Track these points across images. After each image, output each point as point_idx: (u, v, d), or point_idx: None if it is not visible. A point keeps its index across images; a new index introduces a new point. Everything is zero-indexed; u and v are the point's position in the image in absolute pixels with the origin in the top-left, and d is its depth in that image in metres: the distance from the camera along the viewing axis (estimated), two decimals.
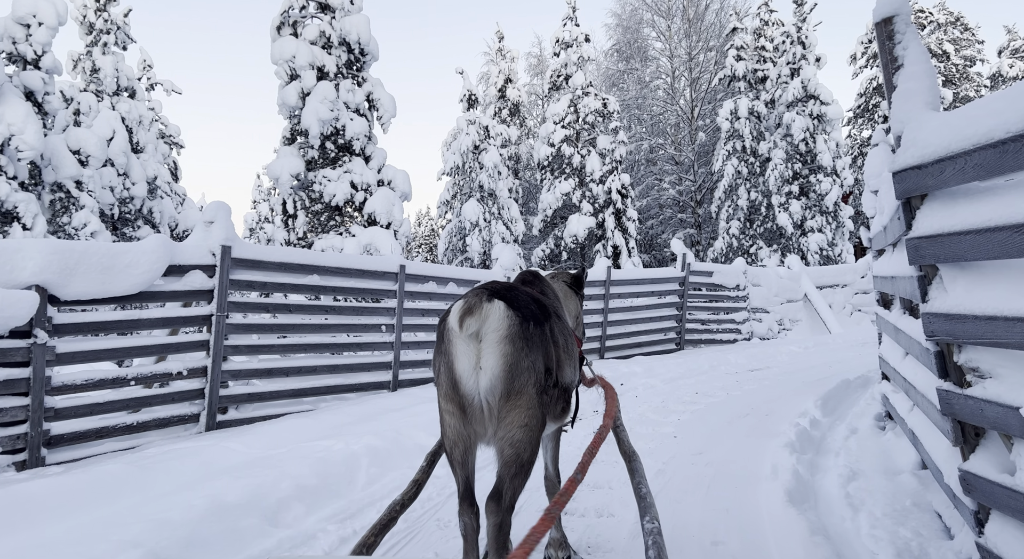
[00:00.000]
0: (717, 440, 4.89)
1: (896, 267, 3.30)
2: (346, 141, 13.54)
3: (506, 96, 26.79)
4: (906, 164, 2.37)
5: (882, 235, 3.84)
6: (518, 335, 1.98)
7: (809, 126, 20.16)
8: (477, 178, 20.95)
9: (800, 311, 15.27)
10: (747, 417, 5.75)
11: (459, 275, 9.47)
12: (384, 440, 4.34)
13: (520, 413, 1.97)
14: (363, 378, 8.04)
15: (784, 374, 8.68)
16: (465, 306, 1.96)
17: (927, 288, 2.40)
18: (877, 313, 4.70)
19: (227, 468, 3.80)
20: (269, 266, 7.10)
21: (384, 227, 13.38)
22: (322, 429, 4.90)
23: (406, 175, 13.99)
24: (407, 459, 4.23)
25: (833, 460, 4.07)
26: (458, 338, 1.98)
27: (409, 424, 4.88)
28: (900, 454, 3.75)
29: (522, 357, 1.97)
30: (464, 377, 1.98)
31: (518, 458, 1.98)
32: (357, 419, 5.31)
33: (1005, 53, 37.90)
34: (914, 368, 3.18)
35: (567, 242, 22.41)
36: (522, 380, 1.97)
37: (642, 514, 1.88)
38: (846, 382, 6.80)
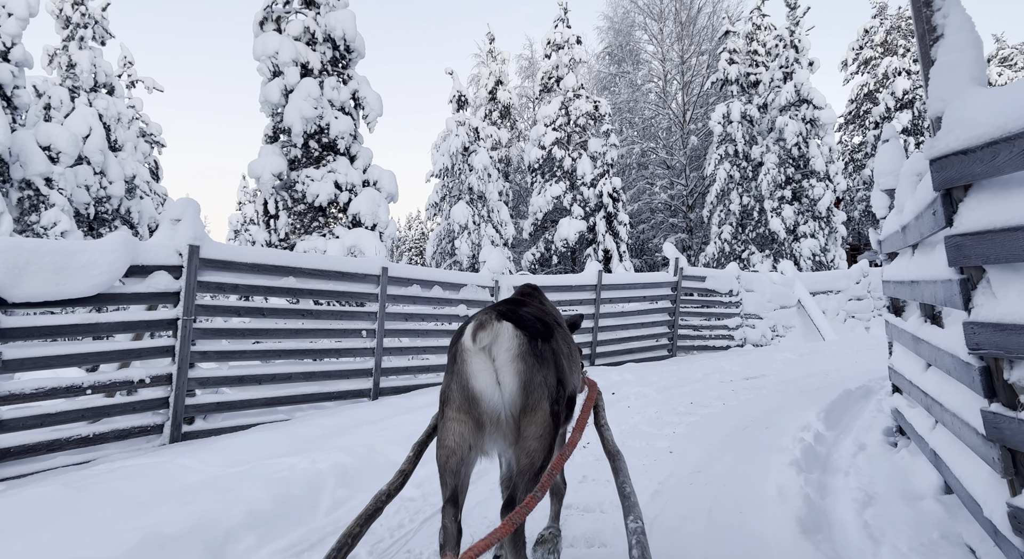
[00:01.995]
0: (716, 456, 4.55)
1: (919, 270, 2.97)
2: (330, 140, 13.15)
3: (496, 98, 26.50)
4: (948, 149, 2.04)
5: (899, 236, 3.52)
6: (528, 353, 2.09)
7: (802, 131, 19.97)
8: (467, 180, 20.60)
9: (794, 317, 15.02)
10: (746, 430, 5.41)
11: (444, 278, 9.11)
12: (355, 457, 3.96)
13: (537, 427, 2.08)
14: (342, 386, 7.65)
15: (781, 383, 8.36)
16: (477, 323, 2.06)
17: (971, 294, 2.07)
18: (888, 321, 4.38)
19: (177, 490, 3.41)
20: (241, 267, 6.70)
21: (369, 229, 13.00)
22: (290, 444, 4.51)
23: (392, 175, 13.62)
24: (378, 479, 3.85)
25: (843, 481, 3.74)
26: (472, 356, 2.08)
27: (384, 439, 4.51)
28: (918, 476, 3.42)
29: (534, 373, 2.08)
30: (485, 393, 2.07)
31: (532, 466, 2.09)
32: (330, 432, 4.92)
33: (994, 61, 38.09)
34: (940, 383, 2.85)
35: (558, 246, 22.11)
36: (536, 395, 2.08)
37: (626, 513, 1.88)
38: (848, 392, 6.49)
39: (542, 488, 1.97)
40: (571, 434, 2.30)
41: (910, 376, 3.57)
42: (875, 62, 32.01)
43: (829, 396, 6.52)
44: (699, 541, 2.97)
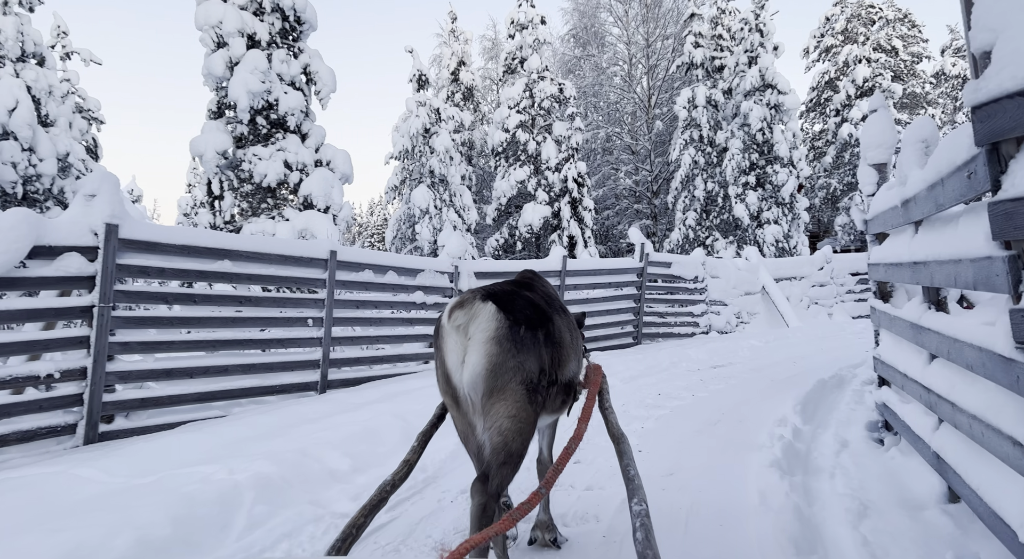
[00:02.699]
0: (689, 455, 4.17)
1: (927, 249, 2.58)
2: (279, 116, 12.37)
3: (459, 79, 25.77)
4: (1000, 91, 1.61)
5: (895, 213, 3.13)
6: (505, 337, 2.02)
7: (767, 116, 19.86)
8: (428, 163, 19.92)
9: (758, 304, 14.90)
10: (718, 424, 5.06)
11: (399, 263, 8.55)
12: (281, 465, 3.44)
13: (505, 405, 2.01)
14: (285, 379, 7.06)
15: (749, 371, 8.09)
16: (458, 301, 2.03)
17: (1021, 274, 1.66)
18: (875, 308, 4.03)
19: (60, 510, 2.85)
20: (169, 249, 6.05)
21: (322, 211, 12.30)
22: (212, 448, 3.95)
23: (347, 155, 12.91)
24: (309, 491, 3.34)
25: (829, 484, 3.38)
26: (448, 333, 2.05)
27: (321, 441, 3.99)
28: (915, 480, 3.08)
29: (507, 358, 2.01)
30: (453, 370, 2.06)
31: (506, 446, 2.01)
32: (262, 433, 4.37)
33: (948, 52, 38.85)
34: (952, 379, 2.47)
35: (522, 232, 21.65)
36: (505, 379, 2.01)
37: (630, 496, 1.85)
38: (821, 382, 6.21)
39: (547, 484, 1.89)
40: (577, 426, 2.19)
41: (905, 369, 3.21)
42: (836, 50, 32.26)
43: (802, 386, 6.23)
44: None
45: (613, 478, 3.76)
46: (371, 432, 4.22)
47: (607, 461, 4.15)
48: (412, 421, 4.55)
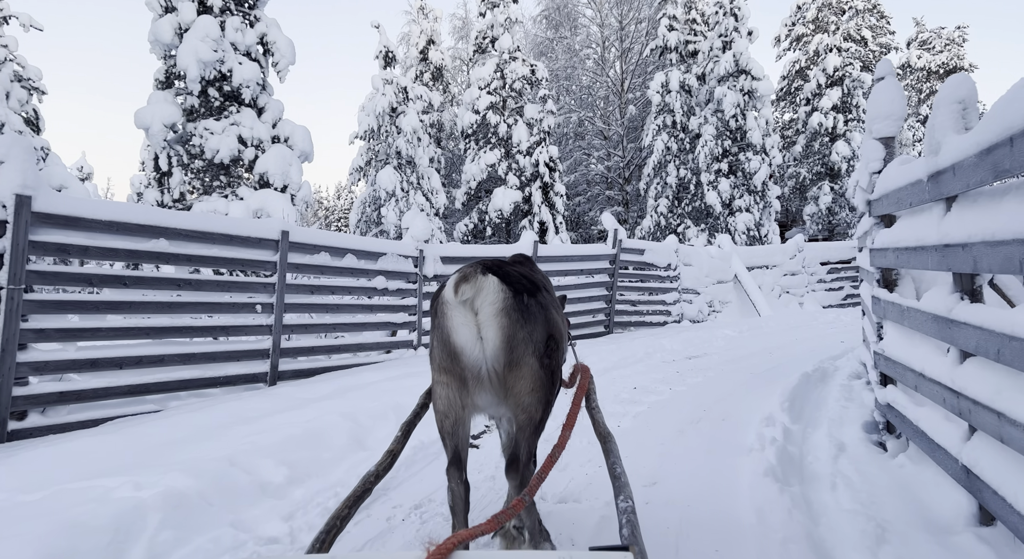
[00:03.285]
0: (673, 460, 3.75)
1: (965, 229, 2.17)
2: (233, 88, 11.58)
3: (428, 58, 24.98)
4: None
5: (917, 189, 2.72)
6: (512, 307, 2.04)
7: (740, 102, 19.61)
8: (394, 143, 19.20)
9: (730, 292, 14.69)
10: (701, 423, 4.67)
11: (359, 245, 7.97)
12: (200, 478, 2.90)
13: (527, 382, 2.06)
14: (230, 369, 6.47)
15: (726, 363, 7.77)
16: (460, 276, 2.02)
17: None
18: (877, 298, 3.64)
19: None
20: (94, 225, 5.39)
21: (279, 190, 11.60)
22: (124, 454, 3.39)
23: (306, 132, 12.20)
24: (232, 510, 2.82)
25: (832, 496, 2.99)
26: (454, 309, 2.03)
27: (253, 447, 3.46)
28: (935, 496, 2.70)
29: (518, 329, 2.04)
30: (467, 348, 2.03)
31: (531, 420, 2.11)
32: (189, 434, 3.82)
33: (914, 45, 39.35)
34: (998, 383, 2.07)
35: (492, 217, 21.12)
36: (520, 350, 2.04)
37: (616, 493, 1.81)
38: (805, 376, 5.88)
39: (531, 492, 1.81)
40: (561, 432, 2.15)
41: (921, 368, 2.82)
42: (807, 39, 32.26)
43: (785, 380, 5.90)
44: None
45: (590, 487, 3.33)
46: (314, 435, 3.70)
47: (581, 467, 3.71)
48: (363, 422, 4.04)
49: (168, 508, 2.62)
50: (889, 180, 3.29)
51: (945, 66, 38.33)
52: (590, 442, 3.91)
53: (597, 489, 3.37)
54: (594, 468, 3.69)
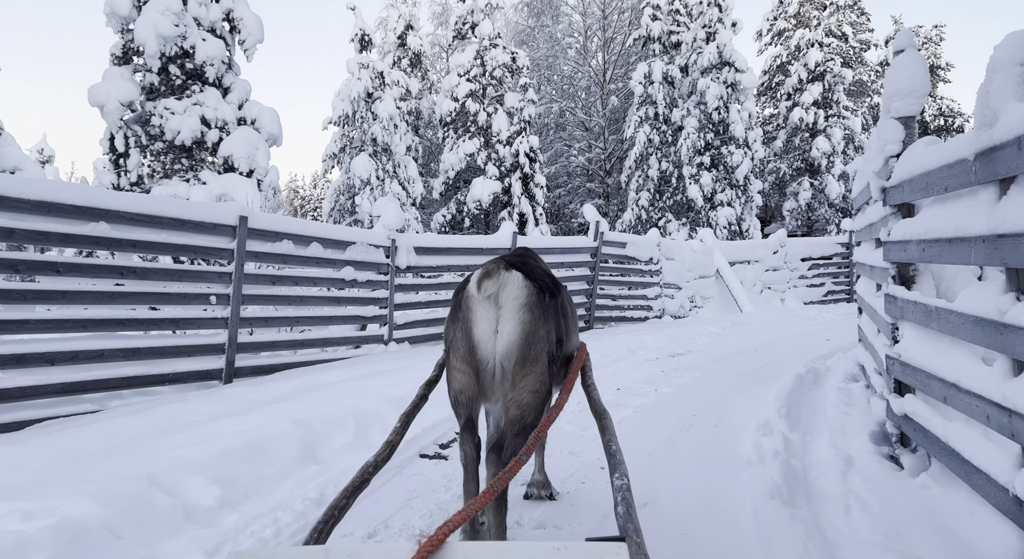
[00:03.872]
0: (664, 475, 3.37)
1: None
2: (196, 66, 10.92)
3: (407, 44, 24.31)
4: None
5: (958, 171, 2.34)
6: (536, 304, 2.09)
7: (723, 94, 19.33)
8: (370, 130, 18.57)
9: (712, 287, 14.41)
10: (692, 430, 4.29)
11: (326, 233, 7.47)
12: (111, 501, 2.42)
13: (533, 379, 2.10)
14: (180, 366, 5.94)
15: (712, 361, 7.43)
16: (484, 271, 2.06)
17: None
18: (894, 295, 3.27)
19: None
20: (20, 205, 4.83)
21: (244, 175, 10.99)
22: (25, 471, 2.88)
23: (275, 114, 11.59)
24: (145, 543, 2.34)
25: (846, 522, 2.62)
26: (477, 303, 2.09)
27: (185, 459, 2.98)
28: (972, 527, 2.33)
29: (539, 326, 2.09)
30: (483, 341, 2.09)
31: (522, 419, 2.11)
32: (112, 444, 3.31)
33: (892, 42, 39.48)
34: None
35: (470, 208, 20.62)
36: (537, 348, 2.09)
37: (612, 471, 1.80)
38: (799, 378, 5.54)
39: (527, 450, 1.83)
40: (559, 395, 2.19)
41: (955, 378, 2.45)
42: (788, 34, 32.17)
43: (776, 381, 5.56)
44: None
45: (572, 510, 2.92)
46: (258, 446, 3.23)
47: (563, 483, 3.30)
48: (317, 429, 3.58)
49: (59, 544, 2.14)
50: (913, 164, 2.91)
51: None
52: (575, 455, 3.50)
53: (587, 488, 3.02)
54: (576, 484, 3.29)
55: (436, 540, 1.19)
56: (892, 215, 3.27)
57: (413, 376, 5.13)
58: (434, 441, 4.04)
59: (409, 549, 1.18)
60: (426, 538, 1.19)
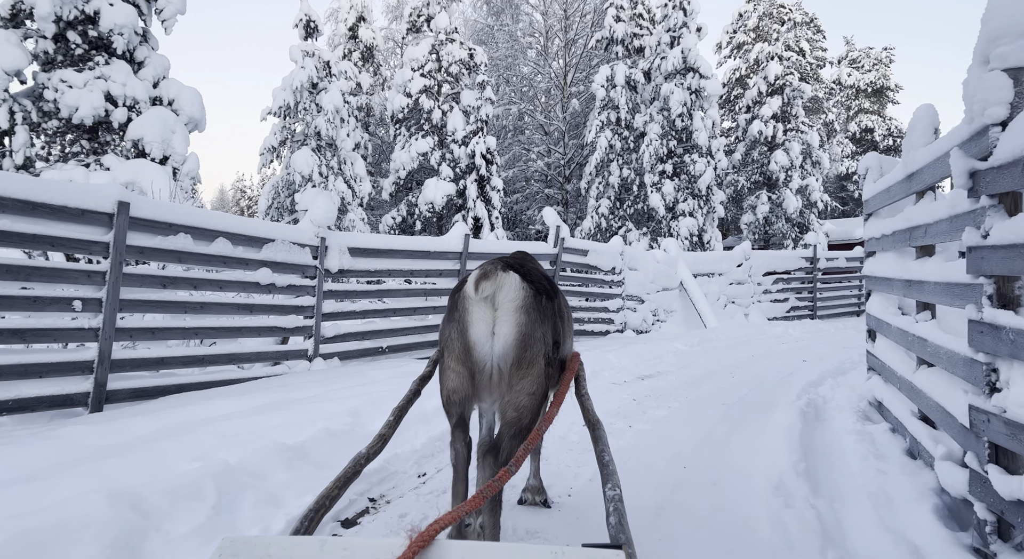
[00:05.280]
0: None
1: None
2: (102, 35, 9.46)
3: (358, 36, 23.00)
4: None
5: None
6: (532, 306, 2.08)
7: (687, 100, 18.73)
8: (313, 122, 17.19)
9: (675, 301, 13.61)
10: (683, 491, 3.27)
11: (236, 228, 6.21)
12: None
13: (529, 382, 2.10)
14: (26, 390, 4.62)
15: (686, 386, 6.49)
16: (481, 272, 2.07)
17: None
18: (992, 323, 2.31)
19: None
20: None
21: (158, 162, 9.57)
22: None
23: (196, 95, 10.21)
24: None
25: None
26: (473, 304, 2.10)
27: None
28: None
29: (535, 328, 2.09)
30: (479, 343, 2.09)
31: (519, 421, 2.11)
32: None
33: (844, 62, 40.31)
34: None
35: (422, 210, 19.41)
36: (534, 350, 2.09)
37: (604, 481, 1.78)
38: (801, 414, 4.60)
39: (517, 462, 1.76)
40: (549, 407, 2.12)
41: None
42: (747, 47, 32.21)
43: (770, 416, 4.63)
44: None
45: None
46: (30, 547, 2.03)
47: None
48: (151, 506, 2.41)
49: None
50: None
51: (873, 85, 39.40)
52: None
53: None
54: None
55: (427, 536, 1.20)
56: (991, 209, 2.31)
57: (326, 410, 3.97)
58: (336, 516, 2.90)
59: (401, 544, 1.18)
60: (416, 534, 1.20)
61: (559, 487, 3.37)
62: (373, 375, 5.87)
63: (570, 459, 3.87)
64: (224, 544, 1.20)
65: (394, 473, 3.47)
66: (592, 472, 3.60)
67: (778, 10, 32.57)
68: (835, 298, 16.43)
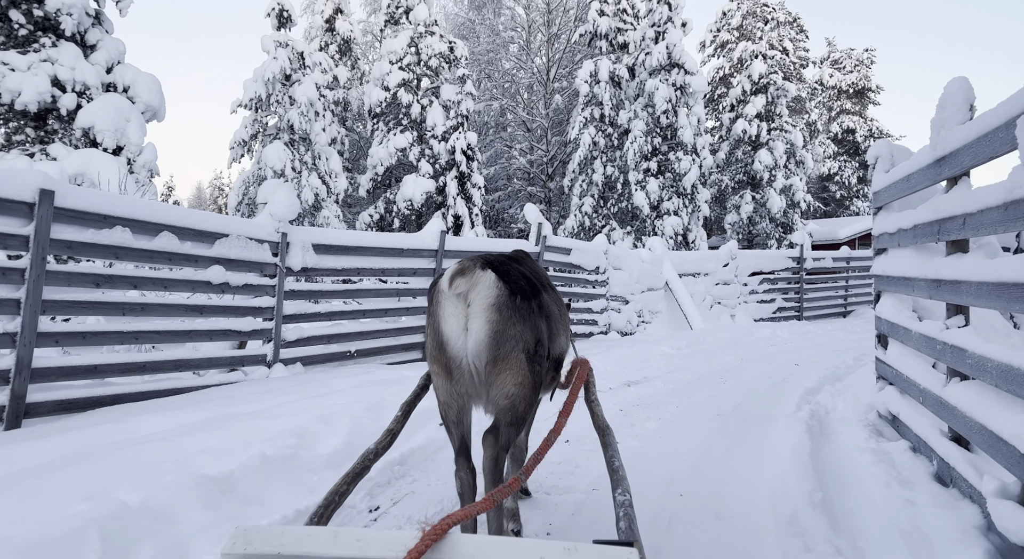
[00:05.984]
0: None
1: None
2: (48, 15, 8.79)
3: (335, 29, 22.33)
4: None
5: None
6: (505, 305, 2.05)
7: (672, 97, 18.34)
8: (286, 115, 16.52)
9: (660, 301, 13.18)
10: (681, 526, 2.79)
11: (182, 221, 5.62)
12: None
13: (511, 373, 2.06)
14: None
15: (676, 393, 6.03)
16: (457, 268, 2.05)
17: None
18: None
19: None
20: None
21: (111, 152, 8.92)
22: None
23: (155, 81, 9.56)
24: None
25: None
26: (447, 299, 2.08)
27: None
28: None
29: (509, 326, 2.05)
30: (452, 339, 2.07)
31: (514, 408, 2.08)
32: None
33: (826, 63, 40.37)
34: None
35: (400, 207, 18.83)
36: (508, 347, 2.05)
37: (614, 487, 1.81)
38: (808, 429, 4.14)
39: (526, 471, 1.83)
40: (558, 419, 2.17)
41: None
42: (731, 46, 32.01)
43: (770, 429, 4.18)
44: None
45: None
46: None
47: None
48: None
49: None
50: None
51: (854, 86, 39.49)
52: None
53: None
54: None
55: (440, 530, 1.18)
56: None
57: (268, 429, 3.43)
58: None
59: (414, 536, 1.17)
60: (430, 527, 1.19)
61: (537, 522, 2.87)
62: (333, 384, 5.32)
63: (550, 484, 3.38)
64: (237, 533, 1.19)
65: (343, 506, 2.94)
66: (575, 503, 3.11)
67: (762, 9, 32.42)
68: (821, 299, 16.14)
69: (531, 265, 2.65)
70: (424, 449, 3.80)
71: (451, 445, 2.25)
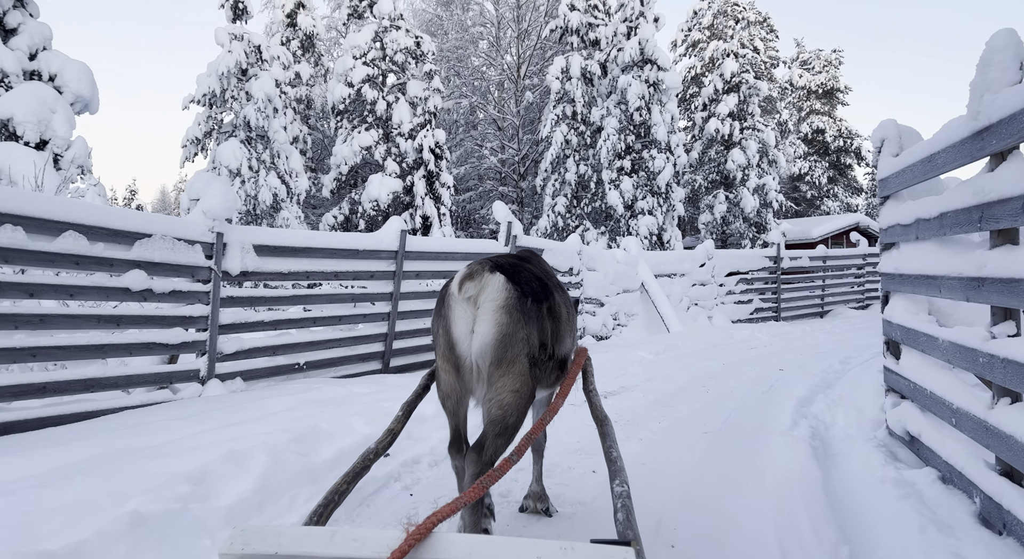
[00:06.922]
0: None
1: None
2: None
3: (297, 24, 21.47)
4: None
5: None
6: (515, 307, 2.08)
7: (645, 93, 17.91)
8: (242, 112, 15.66)
9: (636, 303, 12.66)
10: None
11: (91, 219, 4.87)
12: None
13: (511, 379, 2.09)
14: None
15: (657, 405, 5.47)
16: (467, 272, 2.09)
17: None
18: None
19: None
20: None
21: (33, 146, 8.06)
22: None
23: (85, 70, 8.71)
24: None
25: None
26: (456, 302, 2.11)
27: None
28: None
29: (517, 329, 2.08)
30: (459, 340, 2.12)
31: (504, 419, 2.11)
32: None
33: (795, 64, 40.57)
34: None
35: (366, 208, 18.05)
36: (515, 350, 2.08)
37: (612, 477, 1.84)
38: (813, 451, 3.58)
39: (518, 451, 1.82)
40: (555, 399, 2.22)
41: None
42: (703, 45, 31.86)
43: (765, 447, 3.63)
44: None
45: None
46: None
47: None
48: None
49: None
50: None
51: (823, 86, 39.73)
52: None
53: None
54: None
55: (424, 529, 1.19)
56: None
57: (160, 472, 2.74)
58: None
59: (395, 537, 1.17)
60: (414, 526, 1.19)
61: None
62: (269, 405, 4.64)
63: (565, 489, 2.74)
64: (235, 533, 1.19)
65: None
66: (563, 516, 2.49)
67: (732, 7, 32.32)
68: (799, 299, 15.81)
69: (541, 265, 2.67)
70: None
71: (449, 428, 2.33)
